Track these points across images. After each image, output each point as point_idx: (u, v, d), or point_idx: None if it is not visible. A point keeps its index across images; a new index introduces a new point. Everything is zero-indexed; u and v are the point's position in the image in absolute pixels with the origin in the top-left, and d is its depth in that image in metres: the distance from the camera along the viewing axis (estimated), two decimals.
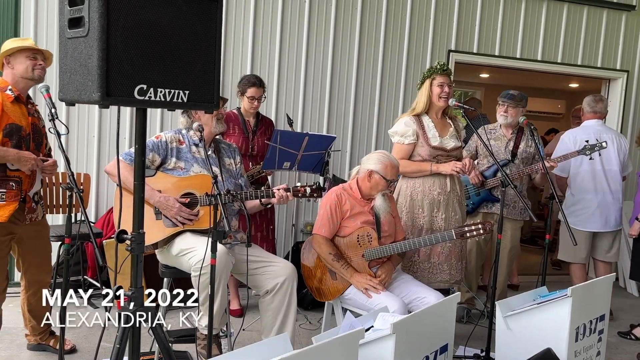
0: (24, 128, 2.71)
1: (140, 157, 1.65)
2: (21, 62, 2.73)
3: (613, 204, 3.97)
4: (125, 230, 1.63)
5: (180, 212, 2.64)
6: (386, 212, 2.92)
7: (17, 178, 2.70)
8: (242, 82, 3.72)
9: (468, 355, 3.15)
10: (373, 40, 4.69)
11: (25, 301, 2.97)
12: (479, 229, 2.79)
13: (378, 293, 2.73)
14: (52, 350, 3.03)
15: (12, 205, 2.68)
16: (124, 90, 1.44)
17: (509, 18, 5.00)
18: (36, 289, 2.93)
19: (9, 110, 2.68)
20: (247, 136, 3.72)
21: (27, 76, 2.74)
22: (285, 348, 1.73)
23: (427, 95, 3.25)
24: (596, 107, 4.01)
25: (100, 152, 4.17)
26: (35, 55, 2.76)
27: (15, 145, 2.67)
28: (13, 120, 2.68)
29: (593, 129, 3.98)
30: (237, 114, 3.75)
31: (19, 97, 2.74)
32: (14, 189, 2.69)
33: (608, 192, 3.95)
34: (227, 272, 2.57)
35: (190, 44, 1.55)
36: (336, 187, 2.99)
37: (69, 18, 1.47)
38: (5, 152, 2.62)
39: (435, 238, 2.87)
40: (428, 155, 3.25)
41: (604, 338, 2.81)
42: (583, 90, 8.65)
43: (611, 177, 3.96)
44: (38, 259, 2.95)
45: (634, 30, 5.32)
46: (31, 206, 2.79)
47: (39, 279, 2.95)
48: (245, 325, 3.40)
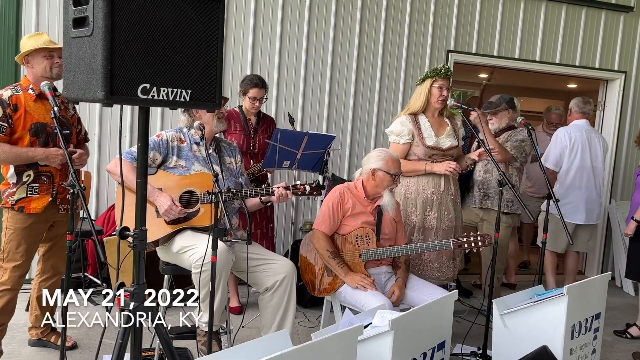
0: (48, 124, 2.79)
1: (143, 155, 1.67)
2: (39, 63, 2.78)
3: (597, 199, 4.26)
4: (127, 227, 1.65)
5: (170, 209, 2.62)
6: (394, 209, 2.95)
7: (48, 173, 2.83)
8: (245, 82, 3.74)
9: (465, 352, 3.18)
10: (372, 40, 4.71)
11: (36, 287, 3.04)
12: (477, 241, 2.82)
13: (371, 289, 2.74)
14: (53, 347, 3.06)
15: (45, 198, 2.82)
16: (127, 89, 1.46)
17: (508, 18, 5.02)
18: (51, 274, 3.02)
19: (32, 109, 2.78)
20: (249, 134, 3.74)
21: (46, 75, 2.80)
22: (284, 344, 1.75)
23: (425, 95, 3.28)
24: (585, 109, 4.32)
25: (100, 151, 4.19)
26: (52, 54, 2.80)
27: (43, 143, 2.78)
28: (37, 119, 2.78)
29: (584, 128, 4.26)
30: (239, 112, 3.77)
31: (41, 94, 2.78)
32: (46, 183, 2.82)
33: (594, 188, 4.22)
34: (228, 270, 2.60)
35: (192, 43, 1.57)
36: (341, 185, 3.02)
37: (73, 18, 1.49)
38: (34, 152, 2.75)
39: (432, 246, 2.91)
40: (423, 154, 3.27)
41: (599, 336, 2.84)
42: (581, 91, 8.67)
43: (597, 174, 4.25)
44: (60, 248, 3.00)
45: (632, 32, 5.34)
46: (65, 197, 2.88)
47: (56, 266, 3.03)
48: (244, 323, 3.42)
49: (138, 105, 1.58)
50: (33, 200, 2.80)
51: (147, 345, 2.70)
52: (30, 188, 2.80)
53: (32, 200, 2.80)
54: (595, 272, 5.35)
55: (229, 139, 3.67)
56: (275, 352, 1.54)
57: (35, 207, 2.80)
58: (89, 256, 4.05)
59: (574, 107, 4.36)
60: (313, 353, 1.66)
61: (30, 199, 2.80)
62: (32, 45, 2.77)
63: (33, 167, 2.79)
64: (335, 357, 1.73)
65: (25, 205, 2.79)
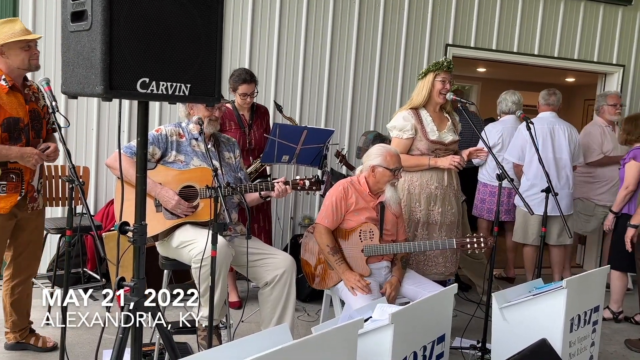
0: (21, 119, 2.66)
1: (143, 150, 1.66)
2: (16, 55, 2.62)
3: (562, 189, 4.21)
4: (127, 221, 1.65)
5: (179, 205, 2.66)
6: (397, 204, 2.95)
7: (17, 170, 2.69)
8: (233, 78, 3.68)
9: (464, 346, 3.19)
10: (371, 34, 4.70)
11: (9, 292, 2.88)
12: (480, 243, 2.82)
13: (363, 293, 2.74)
14: (33, 349, 2.95)
15: (13, 197, 2.68)
16: (126, 84, 1.45)
17: (506, 12, 5.01)
18: (24, 277, 2.89)
19: (5, 102, 2.62)
20: (244, 131, 3.73)
21: (24, 67, 2.66)
22: (285, 338, 1.75)
23: (428, 89, 3.27)
24: (549, 100, 4.37)
25: (99, 145, 4.18)
26: (29, 45, 2.65)
27: (15, 138, 2.64)
28: (10, 113, 2.62)
29: (547, 120, 4.30)
30: (232, 109, 3.74)
31: (14, 86, 2.66)
32: (14, 181, 2.68)
33: (555, 179, 4.17)
34: (227, 264, 2.60)
35: (191, 37, 1.56)
36: (344, 179, 3.03)
37: (71, 12, 1.48)
38: (8, 150, 2.60)
39: (435, 244, 2.91)
40: (426, 149, 3.27)
41: (598, 329, 2.85)
42: (579, 85, 8.69)
43: (561, 165, 4.26)
44: (32, 247, 2.92)
45: (630, 25, 5.34)
46: (33, 195, 2.78)
47: (28, 268, 2.91)
48: (244, 317, 3.43)
49: (137, 99, 1.57)
50: (1, 199, 2.65)
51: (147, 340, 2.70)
52: None
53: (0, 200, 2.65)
54: (593, 265, 5.37)
55: None
56: (276, 346, 1.54)
57: (3, 207, 2.65)
58: (87, 251, 4.05)
59: (540, 100, 4.44)
60: (314, 347, 1.66)
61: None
62: (7, 34, 2.58)
63: (1, 164, 2.63)
64: (335, 350, 1.73)
65: None
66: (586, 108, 8.97)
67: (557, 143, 4.25)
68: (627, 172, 3.88)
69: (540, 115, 4.40)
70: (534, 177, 4.22)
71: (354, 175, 3.11)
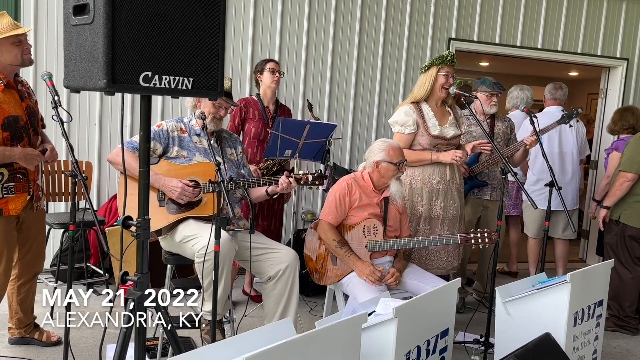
0: (20, 117, 2.63)
1: (145, 144, 1.66)
2: (8, 51, 2.55)
3: (569, 184, 4.23)
4: (130, 216, 1.64)
5: (184, 191, 2.63)
6: (401, 198, 2.94)
7: (23, 170, 2.67)
8: (258, 63, 3.84)
9: (468, 340, 3.19)
10: (374, 28, 4.68)
11: (15, 291, 2.89)
12: (485, 238, 2.82)
13: (377, 285, 2.73)
14: (37, 344, 2.95)
15: (22, 197, 2.67)
16: (129, 77, 1.45)
17: (510, 6, 4.98)
18: (29, 277, 2.90)
19: (2, 101, 2.58)
20: (267, 122, 3.74)
21: (17, 63, 2.59)
22: (288, 332, 1.76)
23: (430, 83, 3.25)
24: (556, 94, 4.36)
25: (101, 140, 4.17)
26: (20, 39, 2.57)
27: (18, 137, 2.62)
28: (9, 112, 2.58)
29: (553, 115, 4.20)
30: (257, 100, 3.77)
31: (8, 84, 2.61)
32: (22, 181, 2.67)
33: (560, 174, 4.18)
34: (230, 259, 2.60)
35: (193, 31, 1.55)
36: (348, 175, 3.02)
37: (73, 5, 1.48)
38: (10, 152, 2.57)
39: (440, 240, 2.90)
40: (428, 144, 3.26)
41: (601, 323, 2.85)
42: (583, 79, 8.66)
43: (567, 159, 4.25)
44: (37, 247, 2.92)
45: (634, 19, 5.31)
46: (38, 194, 2.78)
47: (34, 267, 2.92)
48: (247, 312, 3.44)
49: (140, 93, 1.57)
50: (10, 200, 2.62)
51: (150, 335, 2.71)
52: (5, 188, 2.59)
53: (10, 201, 2.62)
54: (597, 259, 5.35)
55: (247, 126, 3.68)
56: (280, 340, 1.54)
57: (14, 208, 2.63)
58: (91, 246, 4.05)
59: (547, 94, 4.41)
60: (317, 341, 1.66)
61: (7, 199, 2.61)
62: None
63: (7, 164, 2.59)
64: (339, 344, 1.73)
65: (3, 208, 2.60)
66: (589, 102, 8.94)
67: (564, 137, 4.24)
68: (610, 163, 3.96)
69: (546, 109, 4.38)
70: (540, 172, 4.22)
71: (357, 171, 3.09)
